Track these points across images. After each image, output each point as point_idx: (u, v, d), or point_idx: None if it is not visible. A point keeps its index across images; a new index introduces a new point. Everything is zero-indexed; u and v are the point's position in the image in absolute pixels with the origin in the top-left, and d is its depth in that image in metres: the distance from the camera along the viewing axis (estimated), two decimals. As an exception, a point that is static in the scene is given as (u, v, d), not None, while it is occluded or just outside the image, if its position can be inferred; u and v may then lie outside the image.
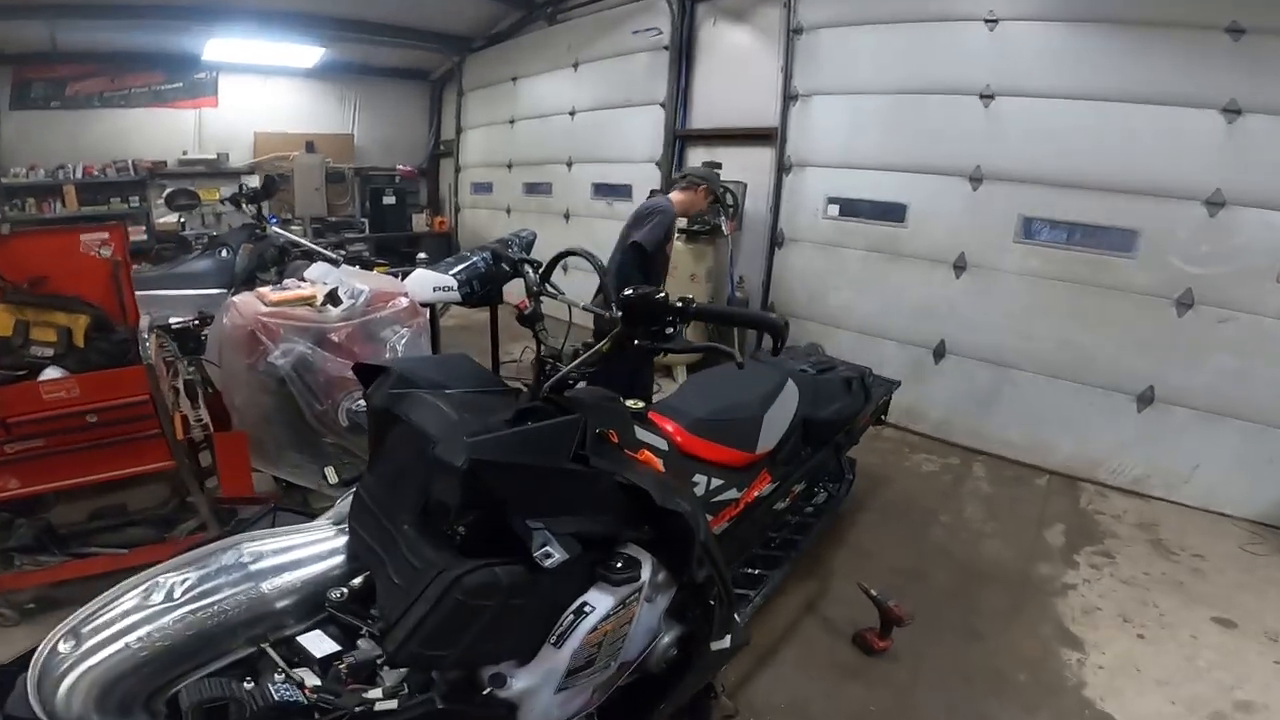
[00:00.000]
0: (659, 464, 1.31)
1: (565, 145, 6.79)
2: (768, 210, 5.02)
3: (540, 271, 1.42)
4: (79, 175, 7.03)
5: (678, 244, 4.84)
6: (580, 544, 1.03)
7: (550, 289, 1.41)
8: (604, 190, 6.46)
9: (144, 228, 7.33)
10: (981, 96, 3.87)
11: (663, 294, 1.16)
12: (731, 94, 5.29)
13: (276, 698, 0.92)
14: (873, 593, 2.17)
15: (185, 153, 7.67)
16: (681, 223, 4.81)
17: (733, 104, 5.27)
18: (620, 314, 1.15)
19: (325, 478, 2.26)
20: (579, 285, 2.00)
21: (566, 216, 6.94)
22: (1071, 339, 3.74)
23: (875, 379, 3.14)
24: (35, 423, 2.01)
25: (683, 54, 5.46)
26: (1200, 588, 2.69)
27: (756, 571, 2.05)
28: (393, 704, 0.95)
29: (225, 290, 3.83)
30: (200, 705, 0.87)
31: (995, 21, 3.79)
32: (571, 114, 6.71)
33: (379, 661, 0.99)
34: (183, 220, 7.04)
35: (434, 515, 1.05)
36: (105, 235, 2.55)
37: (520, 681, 1.05)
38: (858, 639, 2.25)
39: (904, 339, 4.44)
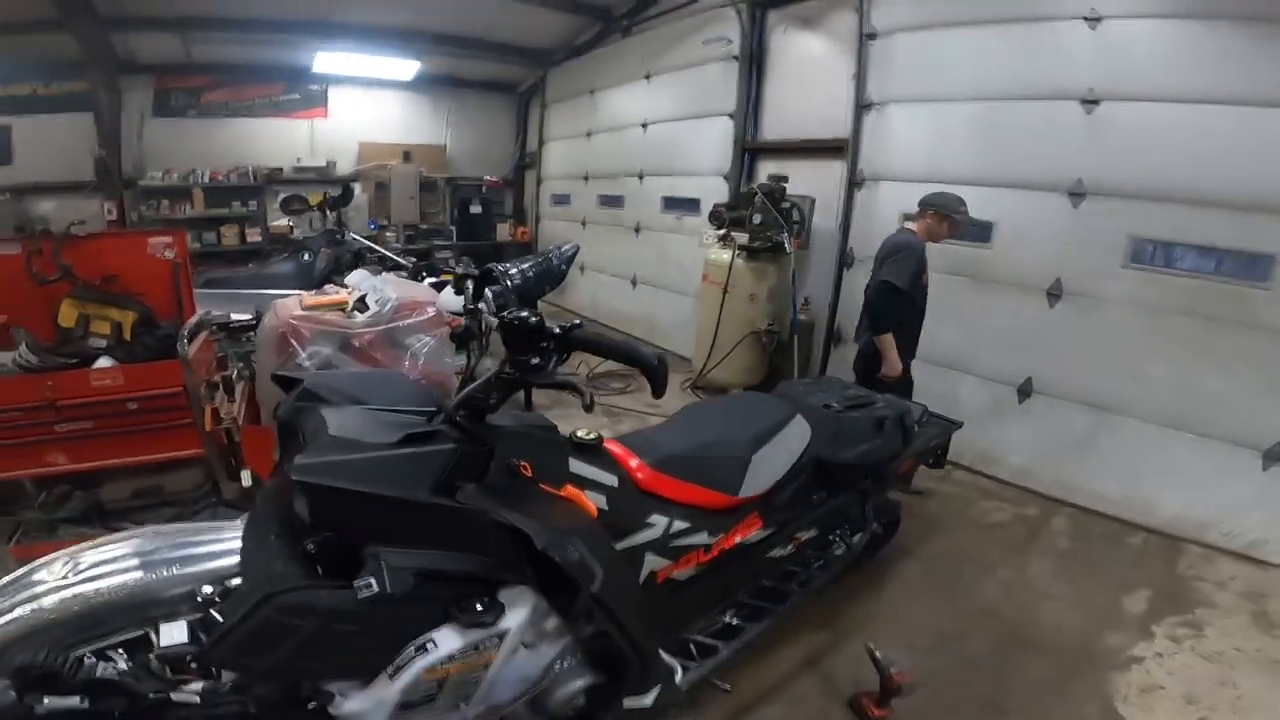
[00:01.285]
0: (589, 504, 1.21)
1: (637, 158, 6.79)
2: (837, 227, 4.74)
3: (470, 290, 1.35)
4: (206, 180, 7.78)
5: (737, 262, 4.68)
6: (432, 580, 0.97)
7: (482, 307, 1.33)
8: (673, 204, 6.38)
9: (259, 230, 8.05)
10: (1083, 102, 3.42)
11: (536, 319, 1.06)
12: (801, 104, 5.07)
13: (97, 674, 0.95)
14: (876, 654, 1.93)
15: (299, 160, 8.31)
16: (743, 239, 4.65)
17: (803, 114, 5.05)
18: (502, 338, 1.07)
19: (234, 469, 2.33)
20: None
21: (637, 230, 6.92)
22: (1190, 383, 3.21)
23: (931, 418, 2.85)
24: (83, 406, 2.22)
25: (752, 64, 5.31)
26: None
27: (734, 622, 1.86)
28: (192, 697, 0.95)
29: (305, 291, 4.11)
30: (25, 669, 0.91)
31: (1098, 19, 3.36)
32: (644, 126, 6.70)
33: (188, 659, 1.00)
34: (292, 224, 7.68)
35: (296, 529, 1.02)
36: (169, 239, 2.80)
37: (351, 704, 1.01)
38: (854, 704, 2.02)
39: (985, 374, 4.02)
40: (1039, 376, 3.78)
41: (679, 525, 1.49)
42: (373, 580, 0.94)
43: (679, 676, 1.51)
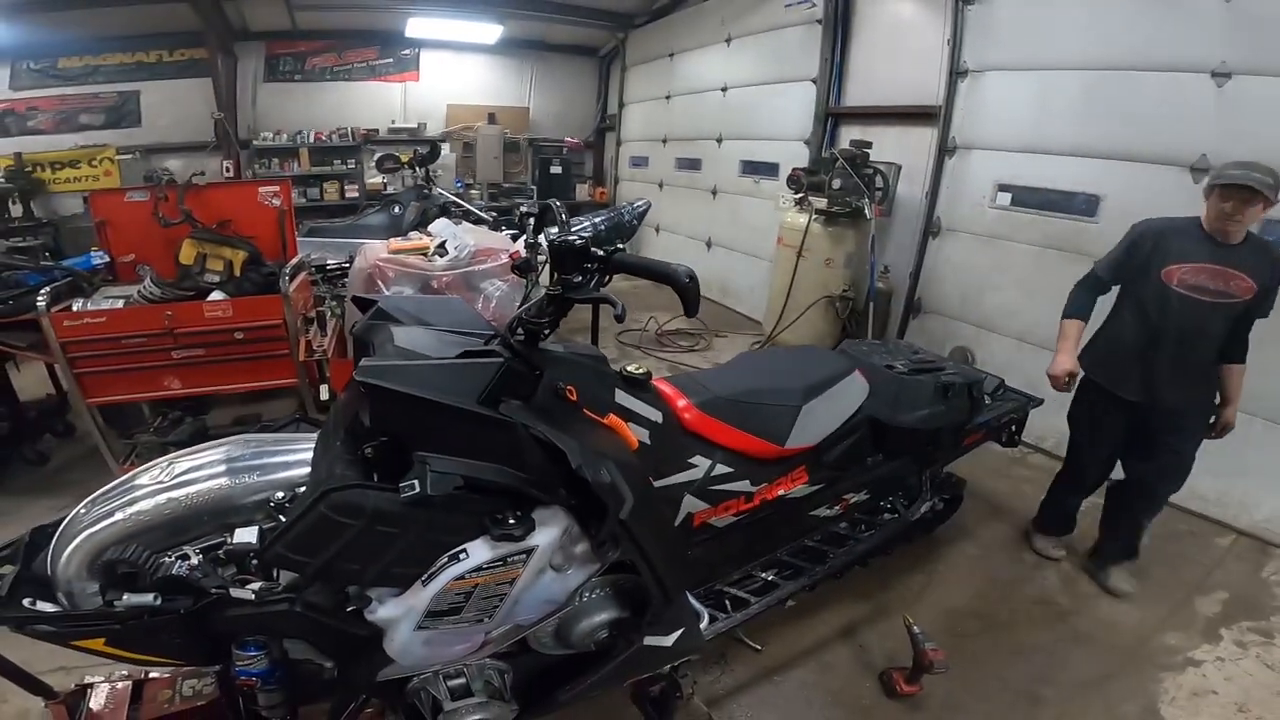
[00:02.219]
0: (630, 435, 1.25)
1: (716, 121, 6.69)
2: (923, 196, 4.52)
3: (533, 225, 1.41)
4: (311, 140, 8.33)
5: (814, 226, 4.57)
6: (475, 490, 1.01)
7: (540, 240, 1.40)
8: (751, 168, 6.28)
9: (357, 186, 8.57)
10: (1214, 75, 3.10)
11: (581, 241, 1.11)
12: (889, 69, 4.82)
13: (172, 572, 1.04)
14: (915, 629, 1.91)
15: (393, 122, 8.74)
16: (821, 203, 4.53)
17: (890, 80, 4.80)
18: (551, 259, 1.12)
19: (318, 393, 2.50)
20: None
21: (714, 193, 6.86)
22: (1308, 378, 2.90)
23: (1007, 392, 2.72)
24: (197, 335, 2.49)
25: (837, 27, 5.08)
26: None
27: (771, 578, 1.87)
28: (248, 594, 1.03)
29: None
30: (111, 564, 1.01)
31: None
32: (723, 90, 6.58)
33: (250, 556, 1.08)
34: (386, 181, 8.13)
35: (358, 436, 1.10)
36: (276, 189, 3.07)
37: (385, 609, 1.07)
38: (884, 677, 2.01)
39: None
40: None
41: (721, 469, 1.52)
42: (416, 482, 0.97)
43: (704, 624, 1.55)
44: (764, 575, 1.88)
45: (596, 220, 4.02)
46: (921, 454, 2.21)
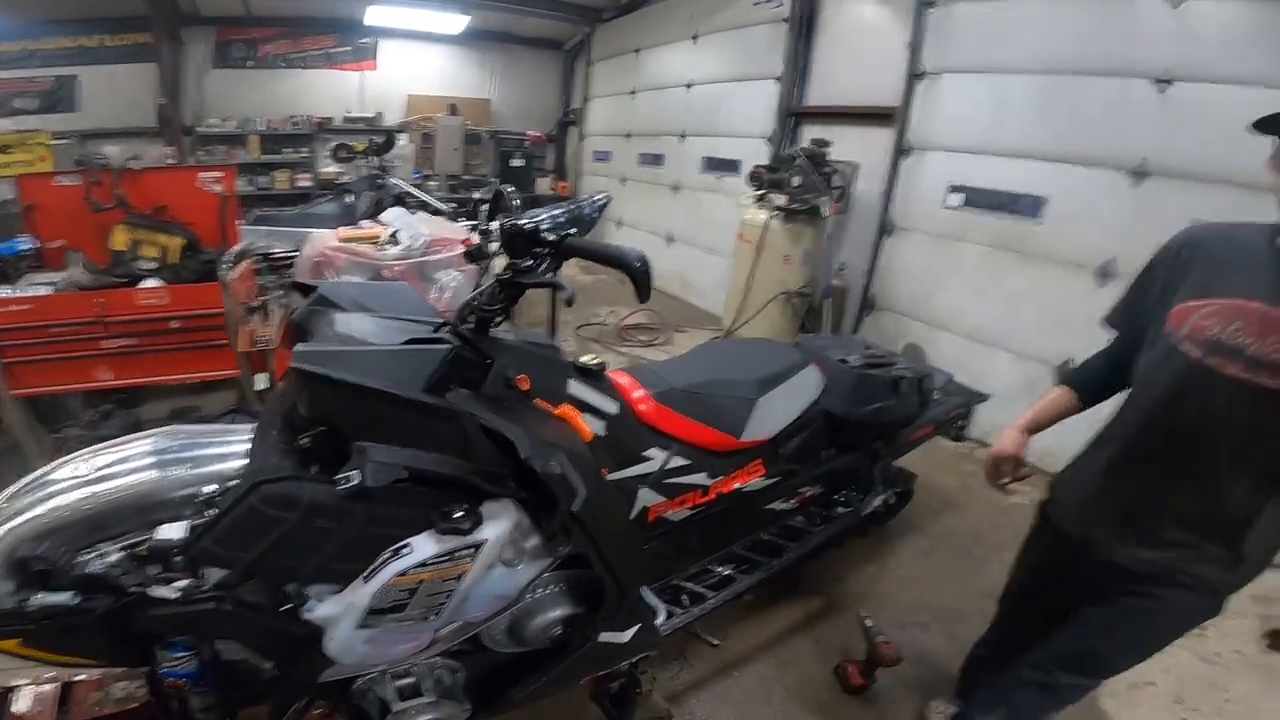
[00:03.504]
0: (584, 425, 1.23)
1: (680, 117, 6.71)
2: (879, 195, 4.61)
3: (485, 211, 1.38)
4: (262, 128, 8.05)
5: (772, 223, 4.62)
6: (419, 482, 0.97)
7: (492, 227, 1.36)
8: (714, 165, 6.31)
9: (309, 176, 8.32)
10: (1157, 81, 3.22)
11: (531, 225, 1.09)
12: (851, 70, 4.90)
13: (89, 569, 0.98)
14: (868, 623, 1.93)
15: (349, 111, 8.50)
16: (780, 200, 4.58)
17: (852, 81, 4.89)
18: (502, 244, 1.09)
19: (253, 382, 2.38)
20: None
21: (676, 189, 6.88)
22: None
23: (954, 386, 2.79)
24: (129, 323, 2.36)
25: (803, 27, 5.14)
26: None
27: (728, 573, 1.86)
28: (171, 593, 0.97)
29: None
30: (25, 561, 0.94)
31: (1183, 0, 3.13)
32: (688, 86, 6.60)
33: (174, 551, 1.01)
34: (341, 170, 7.89)
35: (296, 426, 1.05)
36: (219, 174, 2.94)
37: (323, 608, 1.03)
38: (838, 670, 2.04)
39: (1022, 352, 3.88)
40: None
41: (677, 462, 1.50)
42: (355, 473, 0.93)
43: (660, 619, 1.53)
44: (720, 570, 1.88)
45: (555, 212, 3.94)
46: (874, 447, 2.24)
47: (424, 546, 1.03)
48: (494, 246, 1.29)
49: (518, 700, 1.31)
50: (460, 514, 1.04)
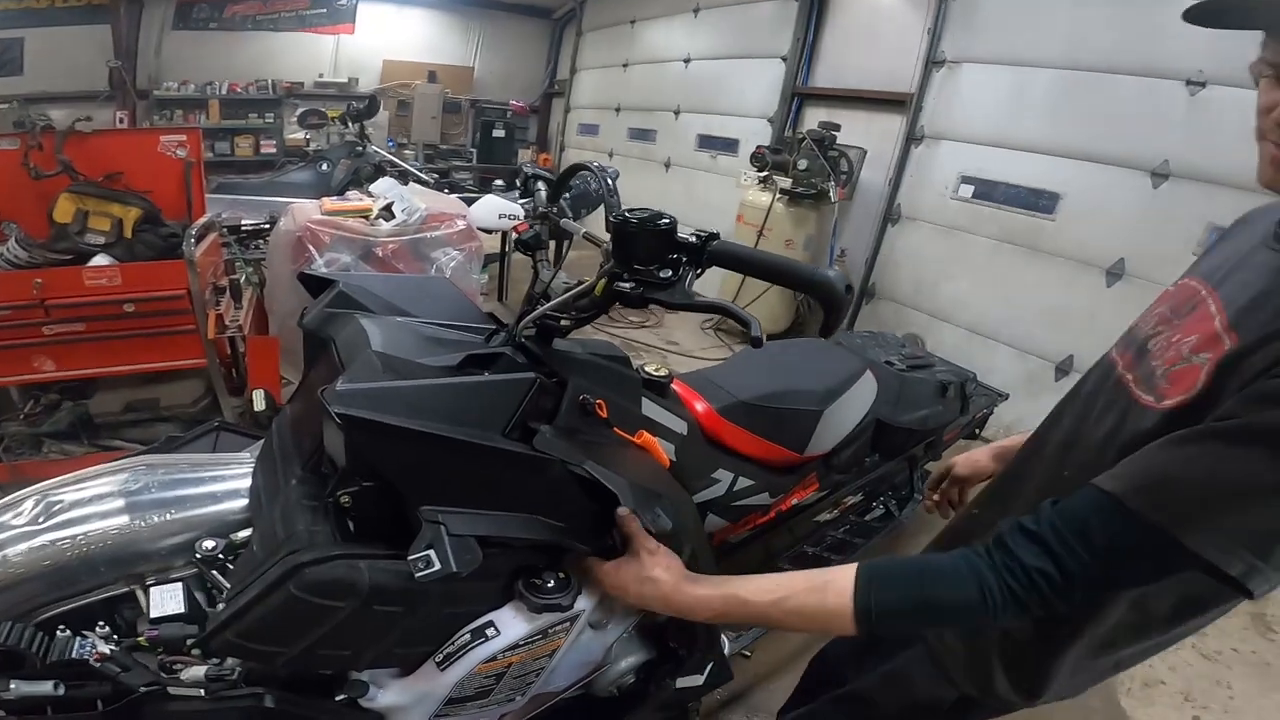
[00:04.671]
0: (662, 452, 1.01)
1: (676, 93, 6.47)
2: (886, 182, 4.49)
3: (550, 190, 1.12)
4: (224, 92, 7.54)
5: (777, 206, 4.44)
6: (497, 547, 0.75)
7: (559, 211, 1.11)
8: (710, 143, 6.11)
9: (274, 142, 7.85)
10: (1189, 83, 3.12)
11: (667, 221, 0.81)
12: (863, 53, 4.73)
13: (72, 654, 0.76)
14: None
15: (321, 76, 8.04)
16: (785, 183, 4.40)
17: (863, 64, 4.72)
18: (610, 245, 0.83)
19: (252, 402, 2.03)
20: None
21: (667, 165, 6.68)
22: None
23: (978, 387, 2.67)
24: (75, 306, 2.03)
25: (813, 6, 4.95)
26: (1288, 671, 2.30)
27: None
28: (196, 691, 0.75)
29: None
30: None
31: None
32: (686, 62, 6.37)
33: (189, 644, 0.79)
34: (308, 137, 7.44)
35: (324, 475, 0.81)
36: (183, 138, 2.58)
37: (388, 696, 0.82)
38: None
39: (1023, 347, 3.83)
40: (1082, 355, 3.56)
41: (743, 483, 1.29)
42: (432, 554, 0.70)
43: (727, 649, 1.36)
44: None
45: (569, 196, 3.68)
46: (913, 453, 2.10)
47: (513, 626, 0.81)
48: (575, 229, 1.04)
49: None
50: (553, 584, 0.82)
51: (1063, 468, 0.84)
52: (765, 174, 4.56)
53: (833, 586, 0.75)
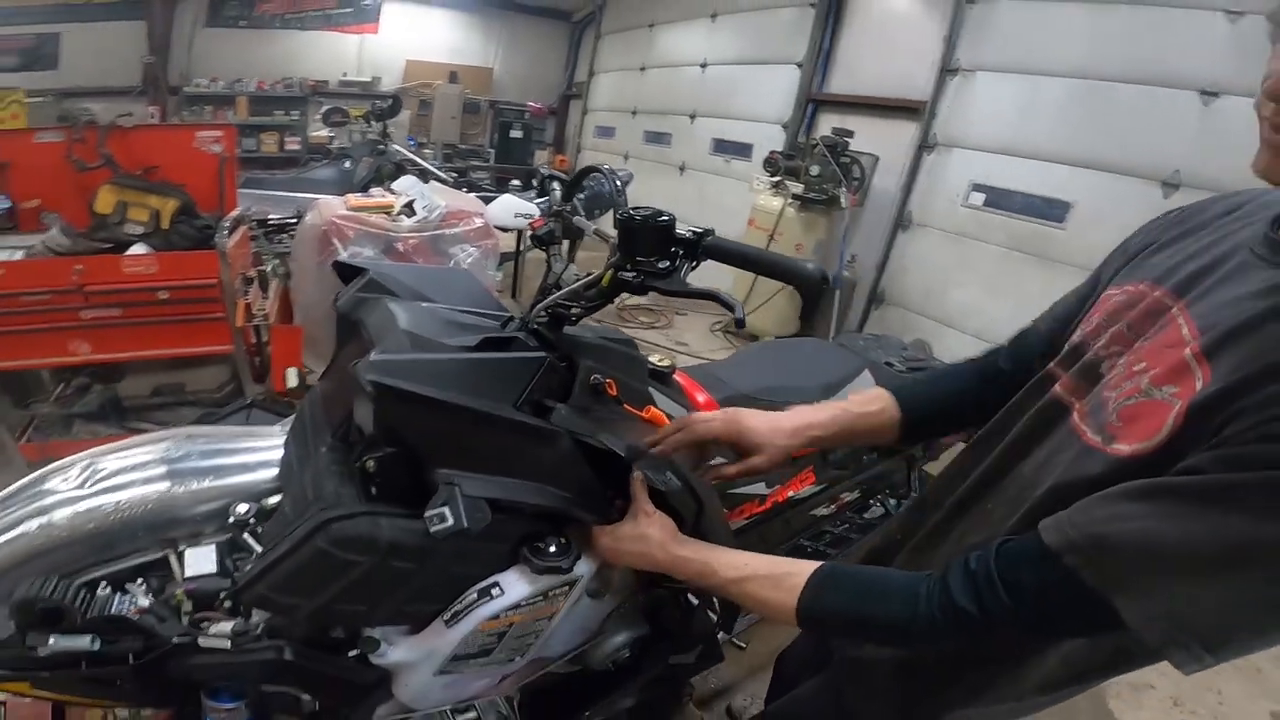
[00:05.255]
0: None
1: (692, 97, 6.55)
2: (898, 189, 4.52)
3: (564, 190, 1.21)
4: (252, 89, 7.71)
5: (788, 211, 4.50)
6: (505, 512, 0.83)
7: (572, 210, 1.20)
8: (724, 147, 6.18)
9: (299, 139, 8.00)
10: (1203, 94, 3.15)
11: (668, 217, 0.89)
12: (877, 60, 4.79)
13: (112, 610, 0.82)
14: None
15: (345, 74, 8.20)
16: (797, 188, 4.45)
17: (878, 71, 4.77)
18: (617, 239, 0.91)
19: (285, 377, 2.13)
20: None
21: (681, 169, 6.75)
22: None
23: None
24: (113, 293, 2.14)
25: (830, 13, 5.01)
26: (1277, 677, 2.30)
27: None
28: (223, 643, 0.82)
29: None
30: (27, 603, 0.78)
31: (1239, 14, 3.02)
32: (703, 66, 6.45)
33: (221, 596, 0.86)
34: (332, 135, 7.59)
35: (352, 442, 0.89)
36: (218, 133, 2.71)
37: (397, 653, 0.88)
38: None
39: (1032, 356, 3.87)
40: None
41: (741, 471, 1.38)
42: (446, 511, 0.76)
43: (720, 633, 1.43)
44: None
45: (583, 196, 3.77)
46: (912, 454, 2.15)
47: (516, 587, 0.88)
48: (586, 226, 1.13)
49: None
50: (555, 549, 0.89)
51: (985, 501, 0.78)
52: (778, 179, 4.62)
53: (788, 580, 0.76)
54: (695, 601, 1.15)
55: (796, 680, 1.20)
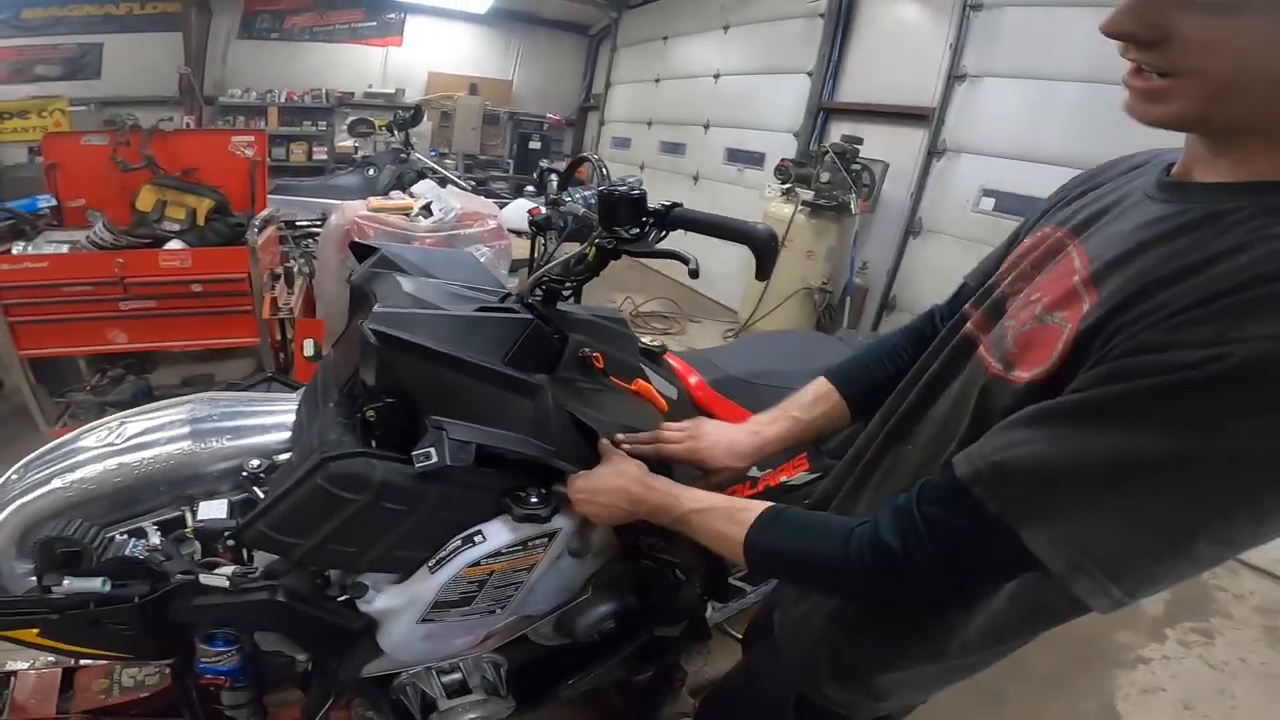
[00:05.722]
0: (658, 396, 1.17)
1: (705, 108, 6.64)
2: (908, 195, 4.56)
3: (559, 180, 1.31)
4: (282, 100, 7.98)
5: (798, 217, 4.55)
6: (491, 465, 0.90)
7: (566, 197, 1.30)
8: (737, 156, 6.25)
9: (326, 149, 8.25)
10: None
11: (638, 192, 1.00)
12: (886, 69, 4.84)
13: (125, 552, 0.89)
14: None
15: (370, 86, 8.43)
16: (807, 195, 4.51)
17: (886, 79, 4.82)
18: (598, 212, 1.00)
19: (303, 347, 2.27)
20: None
21: (695, 178, 6.82)
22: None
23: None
24: (150, 285, 2.30)
25: (839, 23, 5.08)
26: (1291, 682, 2.23)
27: None
28: (222, 581, 0.89)
29: (371, 199, 4.16)
30: (50, 543, 0.85)
31: None
32: (715, 77, 6.53)
33: (225, 535, 0.94)
34: (357, 145, 7.83)
35: (356, 397, 0.97)
36: (251, 138, 2.88)
37: (382, 599, 0.95)
38: None
39: (1041, 360, 3.87)
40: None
41: (730, 452, 1.44)
42: (432, 449, 0.84)
43: (709, 611, 1.48)
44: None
45: (585, 194, 3.91)
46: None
47: (498, 534, 0.95)
48: (576, 211, 1.22)
49: (563, 696, 1.25)
50: (536, 500, 0.96)
51: (907, 440, 0.79)
52: (789, 186, 4.68)
53: (741, 514, 0.79)
54: (682, 578, 1.21)
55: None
